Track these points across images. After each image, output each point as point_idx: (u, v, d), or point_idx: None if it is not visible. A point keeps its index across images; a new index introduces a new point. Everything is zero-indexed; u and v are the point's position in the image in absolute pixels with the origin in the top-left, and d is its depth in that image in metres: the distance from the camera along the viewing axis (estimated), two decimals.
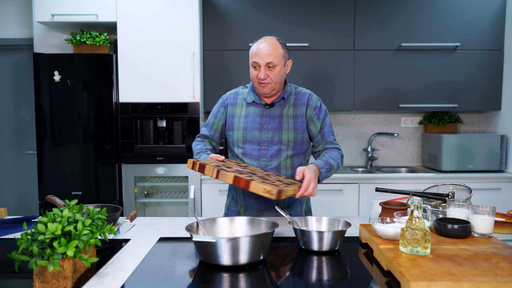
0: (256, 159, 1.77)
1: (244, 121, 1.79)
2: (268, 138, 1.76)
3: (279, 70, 1.71)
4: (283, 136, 1.76)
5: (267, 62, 1.68)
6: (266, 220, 1.33)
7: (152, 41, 2.98)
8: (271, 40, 1.73)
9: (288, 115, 1.78)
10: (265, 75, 1.69)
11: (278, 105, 1.79)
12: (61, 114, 2.95)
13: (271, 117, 1.78)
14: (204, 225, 1.32)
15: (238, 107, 1.83)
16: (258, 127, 1.77)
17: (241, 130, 1.79)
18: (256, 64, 1.70)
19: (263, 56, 1.68)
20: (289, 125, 1.77)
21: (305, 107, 1.80)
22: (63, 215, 1.06)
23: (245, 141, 1.78)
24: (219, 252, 1.12)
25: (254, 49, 1.71)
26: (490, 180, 3.07)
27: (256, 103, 1.80)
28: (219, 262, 1.13)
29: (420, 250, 1.11)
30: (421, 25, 3.21)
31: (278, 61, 1.70)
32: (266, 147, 1.77)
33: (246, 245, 1.12)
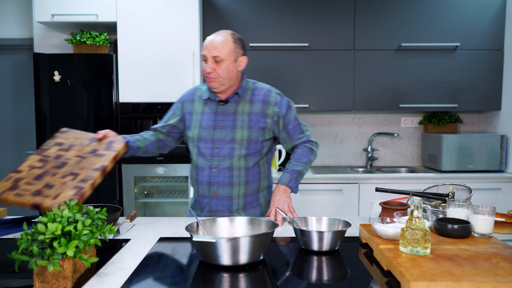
0: (208, 158, 1.72)
1: (200, 119, 1.75)
2: (221, 137, 1.70)
3: (227, 65, 1.65)
4: (236, 134, 1.69)
5: (214, 56, 1.63)
6: (266, 220, 1.33)
7: (152, 41, 2.98)
8: (223, 33, 1.68)
9: (243, 112, 1.71)
10: (211, 68, 1.64)
11: (233, 101, 1.73)
12: (61, 114, 2.95)
13: (225, 114, 1.72)
14: (204, 225, 1.32)
15: (196, 104, 1.78)
16: (212, 125, 1.72)
17: (196, 128, 1.74)
18: (205, 57, 1.66)
19: (210, 48, 1.64)
20: (244, 122, 1.70)
21: (261, 104, 1.72)
22: (63, 215, 1.06)
23: (199, 139, 1.73)
24: (219, 252, 1.12)
25: (205, 42, 1.68)
26: (490, 180, 3.07)
27: (211, 99, 1.74)
28: (219, 262, 1.13)
29: (420, 250, 1.11)
30: (421, 25, 3.21)
31: (225, 56, 1.64)
32: (219, 145, 1.70)
33: (246, 245, 1.12)
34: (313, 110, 3.29)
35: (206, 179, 1.73)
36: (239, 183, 1.72)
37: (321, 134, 3.60)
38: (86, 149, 1.56)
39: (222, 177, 1.71)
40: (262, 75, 3.20)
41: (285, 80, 3.22)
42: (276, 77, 3.21)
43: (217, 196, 1.72)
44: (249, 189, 1.75)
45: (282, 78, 3.22)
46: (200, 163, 1.74)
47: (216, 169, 1.70)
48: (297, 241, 1.35)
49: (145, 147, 1.80)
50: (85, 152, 1.54)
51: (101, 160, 1.49)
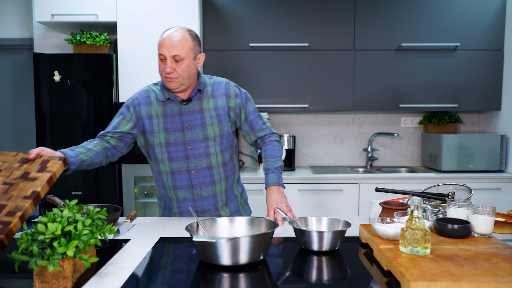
0: (184, 161, 1.67)
1: (164, 122, 1.65)
2: (192, 137, 1.65)
3: (188, 64, 1.59)
4: (208, 131, 1.66)
5: (174, 55, 1.56)
6: (266, 220, 1.33)
7: (152, 41, 2.98)
8: (179, 30, 1.60)
9: (209, 108, 1.67)
10: (171, 68, 1.57)
11: (196, 99, 1.67)
12: (61, 114, 2.95)
13: (191, 113, 1.66)
14: (204, 225, 1.32)
15: (153, 107, 1.67)
16: (179, 127, 1.65)
17: (162, 132, 1.65)
18: (163, 56, 1.58)
19: (169, 47, 1.56)
20: (213, 119, 1.66)
21: (224, 97, 1.69)
22: (63, 215, 1.06)
23: (168, 144, 1.65)
24: (219, 252, 1.12)
25: (160, 39, 1.60)
26: (490, 180, 3.07)
27: (171, 100, 1.66)
28: (219, 262, 1.13)
29: (420, 250, 1.11)
30: (421, 25, 3.21)
31: (186, 54, 1.57)
32: (193, 146, 1.66)
33: (246, 245, 1.12)
34: (313, 110, 3.29)
35: (186, 183, 1.69)
36: (220, 179, 1.72)
37: (321, 134, 3.60)
38: (15, 174, 1.30)
39: (203, 177, 1.69)
40: (262, 75, 3.20)
41: (285, 80, 3.22)
42: (276, 77, 3.21)
43: (201, 197, 1.71)
44: (228, 184, 1.76)
45: (282, 78, 3.22)
46: (176, 167, 1.68)
47: (195, 170, 1.67)
48: (297, 241, 1.35)
49: (90, 159, 1.60)
50: (14, 177, 1.29)
51: (33, 185, 1.24)
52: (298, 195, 3.02)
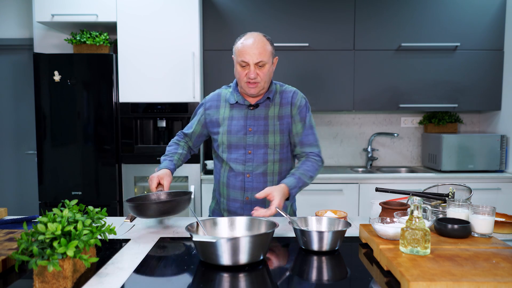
0: (241, 164, 1.70)
1: (228, 124, 1.70)
2: (253, 142, 1.68)
3: (268, 68, 1.64)
4: (269, 139, 1.68)
5: (258, 61, 1.59)
6: (266, 220, 1.33)
7: (152, 41, 2.98)
8: (258, 36, 1.62)
9: (274, 116, 1.69)
10: (255, 74, 1.60)
11: (263, 105, 1.70)
12: (61, 114, 2.95)
13: (256, 118, 1.69)
14: (204, 225, 1.32)
15: (221, 109, 1.74)
16: (242, 130, 1.68)
17: (225, 134, 1.71)
18: (245, 63, 1.61)
19: (253, 54, 1.58)
20: (275, 127, 1.69)
21: (290, 106, 1.71)
22: (63, 215, 1.06)
23: (229, 146, 1.70)
24: (219, 252, 1.12)
25: (240, 47, 1.62)
26: (490, 180, 3.07)
27: (239, 104, 1.71)
28: (219, 262, 1.13)
29: (420, 250, 1.11)
30: (421, 25, 3.21)
31: (267, 59, 1.62)
32: (252, 151, 1.68)
33: (246, 245, 1.12)
34: (313, 110, 3.26)
35: (240, 184, 1.72)
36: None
37: (321, 134, 3.60)
38: None
39: (256, 182, 1.70)
40: None
41: (285, 80, 3.20)
42: (276, 77, 3.20)
43: (251, 201, 1.71)
44: None
45: (282, 78, 3.21)
46: (233, 167, 1.71)
47: (250, 174, 1.70)
48: (297, 241, 1.35)
49: (182, 162, 1.81)
50: None
51: None
52: (298, 195, 3.01)
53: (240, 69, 1.64)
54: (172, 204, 1.45)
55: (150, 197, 1.56)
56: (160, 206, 1.43)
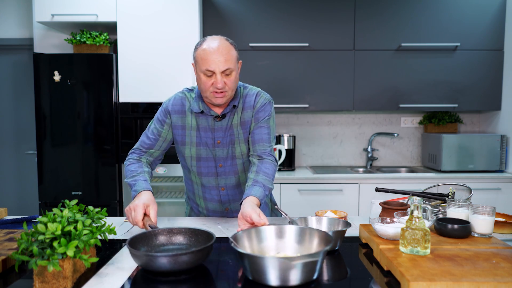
0: (213, 177, 1.63)
1: (196, 135, 1.58)
2: (223, 155, 1.59)
3: (235, 75, 1.50)
4: (235, 150, 1.59)
5: (225, 69, 1.45)
6: (318, 231, 1.17)
7: (152, 41, 2.98)
8: (222, 41, 1.47)
9: (237, 124, 1.58)
10: (222, 83, 1.45)
11: (229, 114, 1.58)
12: (61, 114, 2.95)
13: (223, 130, 1.58)
14: (249, 235, 1.18)
15: (187, 117, 1.59)
16: (211, 143, 1.58)
17: (193, 145, 1.59)
18: (210, 72, 1.45)
19: (219, 62, 1.43)
20: (239, 136, 1.59)
21: (251, 110, 1.58)
22: (63, 215, 1.06)
23: (199, 159, 1.60)
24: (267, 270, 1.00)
25: (203, 54, 1.45)
26: (490, 180, 3.07)
27: (205, 114, 1.57)
28: (266, 281, 1.02)
29: (420, 250, 1.11)
30: (421, 25, 3.21)
31: (234, 66, 1.48)
32: (223, 164, 1.60)
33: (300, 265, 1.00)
34: (313, 110, 3.29)
35: (216, 198, 1.67)
36: (243, 170, 1.66)
37: (321, 134, 3.60)
38: None
39: (232, 194, 1.67)
40: (262, 75, 3.20)
41: (285, 80, 3.22)
42: (276, 77, 3.21)
43: (231, 211, 1.70)
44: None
45: (282, 78, 3.22)
46: (205, 182, 1.64)
47: (224, 187, 1.65)
48: None
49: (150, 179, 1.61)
50: None
51: None
52: (298, 195, 3.02)
53: (204, 78, 1.47)
54: (207, 250, 1.13)
55: (158, 238, 1.24)
56: (197, 255, 1.09)
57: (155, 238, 1.23)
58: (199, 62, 1.47)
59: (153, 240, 1.23)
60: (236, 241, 1.11)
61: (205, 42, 1.48)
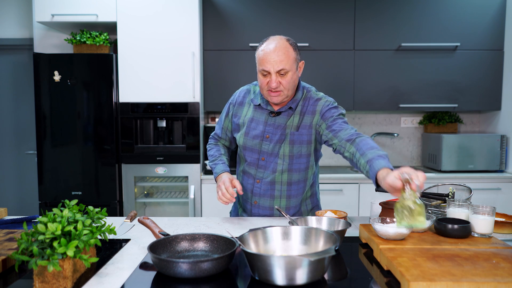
0: (254, 168, 1.69)
1: (247, 126, 1.67)
2: (268, 150, 1.64)
3: (292, 76, 1.53)
4: (281, 149, 1.63)
5: (279, 70, 1.49)
6: (325, 231, 1.17)
7: (152, 41, 2.98)
8: (280, 41, 1.51)
9: (292, 126, 1.61)
10: (277, 83, 1.51)
11: (285, 114, 1.62)
12: (61, 114, 2.95)
13: (275, 127, 1.63)
14: (255, 235, 1.18)
15: (245, 107, 1.71)
16: (260, 135, 1.64)
17: (243, 135, 1.68)
18: (266, 72, 1.51)
19: (273, 63, 1.48)
20: (289, 136, 1.61)
21: (312, 115, 1.60)
22: (63, 215, 1.06)
23: (245, 147, 1.69)
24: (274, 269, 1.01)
25: (262, 54, 1.51)
26: (490, 180, 3.07)
27: (262, 107, 1.65)
28: (274, 281, 1.02)
29: (417, 224, 1.10)
30: (421, 25, 3.21)
31: (290, 66, 1.51)
32: (266, 158, 1.65)
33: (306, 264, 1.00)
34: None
35: (250, 187, 1.72)
36: (280, 196, 1.69)
37: None
38: None
39: (264, 190, 1.69)
40: None
41: None
42: None
43: (259, 206, 1.72)
44: (291, 202, 1.70)
45: None
46: (247, 169, 1.71)
47: (260, 181, 1.68)
48: None
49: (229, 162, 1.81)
50: None
51: None
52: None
53: (261, 77, 1.55)
54: (230, 257, 1.11)
55: (177, 243, 1.23)
56: (220, 261, 1.07)
57: (176, 244, 1.22)
58: (257, 62, 1.56)
59: (174, 246, 1.22)
60: (242, 243, 1.11)
61: (265, 42, 1.55)
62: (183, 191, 3.32)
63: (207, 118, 3.55)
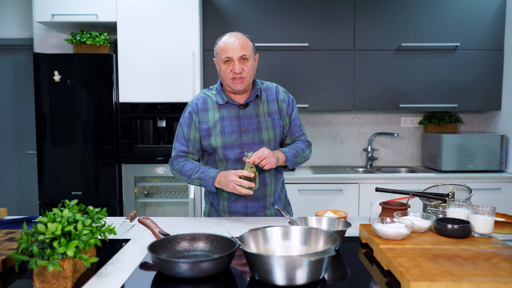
0: (240, 163, 1.71)
1: (221, 125, 1.71)
2: (249, 140, 1.71)
3: (252, 63, 1.69)
4: (263, 135, 1.72)
5: (241, 56, 1.64)
6: (325, 231, 1.18)
7: (152, 41, 2.98)
8: (238, 34, 1.69)
9: (264, 113, 1.75)
10: (240, 68, 1.64)
11: (253, 104, 1.75)
12: (61, 114, 2.95)
13: (248, 117, 1.72)
14: (255, 236, 1.18)
15: (210, 112, 1.73)
16: (236, 130, 1.71)
17: (219, 135, 1.70)
18: (229, 58, 1.64)
19: (235, 49, 1.63)
20: (267, 123, 1.73)
21: (275, 102, 1.78)
22: (63, 215, 1.06)
23: (225, 147, 1.70)
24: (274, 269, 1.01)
25: (223, 45, 1.66)
26: (490, 180, 3.07)
27: (230, 104, 1.73)
28: (274, 281, 1.03)
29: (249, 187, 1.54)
30: (421, 25, 3.21)
31: (250, 53, 1.67)
32: (248, 149, 1.71)
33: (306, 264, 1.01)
34: (313, 110, 3.29)
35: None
36: (271, 182, 1.78)
37: (321, 134, 3.60)
38: None
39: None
40: (262, 75, 3.20)
41: (285, 80, 3.22)
42: (276, 77, 3.21)
43: (253, 198, 1.75)
44: (277, 185, 1.81)
45: (282, 78, 3.21)
46: (231, 169, 1.71)
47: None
48: None
49: None
50: None
51: None
52: (298, 195, 3.02)
53: (224, 66, 1.67)
54: (230, 257, 1.12)
55: (176, 243, 1.23)
56: (218, 262, 1.07)
57: (176, 243, 1.22)
58: (219, 53, 1.67)
59: (174, 246, 1.21)
60: (242, 243, 1.11)
61: (224, 37, 1.69)
62: (183, 191, 3.32)
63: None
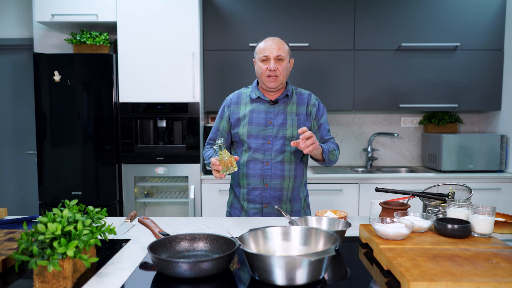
0: (261, 153, 1.85)
1: (249, 117, 1.88)
2: (273, 133, 1.86)
3: (286, 64, 1.85)
4: (287, 131, 1.85)
5: (277, 55, 1.81)
6: (325, 231, 1.18)
7: (152, 41, 2.98)
8: (276, 38, 1.88)
9: (291, 112, 1.89)
10: (275, 66, 1.80)
11: (282, 102, 1.90)
12: (61, 114, 2.95)
13: (276, 113, 1.88)
14: (255, 236, 1.19)
15: (242, 105, 1.92)
16: (263, 122, 1.87)
17: (246, 125, 1.87)
18: (266, 57, 1.82)
19: (273, 50, 1.81)
20: (293, 121, 1.87)
21: (305, 106, 1.91)
22: (63, 215, 1.06)
23: (249, 136, 1.86)
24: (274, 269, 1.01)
25: (262, 46, 1.85)
26: (490, 180, 3.07)
27: (261, 99, 1.90)
28: (274, 281, 1.03)
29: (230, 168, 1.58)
30: (421, 25, 3.21)
31: (285, 55, 1.84)
32: (271, 141, 1.85)
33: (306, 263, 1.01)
34: None
35: (259, 172, 1.86)
36: (289, 176, 1.87)
37: None
38: None
39: (275, 170, 1.86)
40: None
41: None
42: None
43: (269, 188, 1.87)
44: (296, 182, 1.90)
45: None
46: (253, 156, 1.87)
47: (269, 163, 1.85)
48: None
49: None
50: None
51: None
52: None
53: (261, 64, 1.84)
54: (230, 257, 1.12)
55: (177, 244, 1.23)
56: (218, 262, 1.07)
57: (176, 244, 1.22)
58: (258, 53, 1.86)
59: (174, 246, 1.21)
60: (242, 243, 1.11)
61: (264, 39, 1.89)
62: (183, 191, 3.32)
63: (207, 118, 3.55)
